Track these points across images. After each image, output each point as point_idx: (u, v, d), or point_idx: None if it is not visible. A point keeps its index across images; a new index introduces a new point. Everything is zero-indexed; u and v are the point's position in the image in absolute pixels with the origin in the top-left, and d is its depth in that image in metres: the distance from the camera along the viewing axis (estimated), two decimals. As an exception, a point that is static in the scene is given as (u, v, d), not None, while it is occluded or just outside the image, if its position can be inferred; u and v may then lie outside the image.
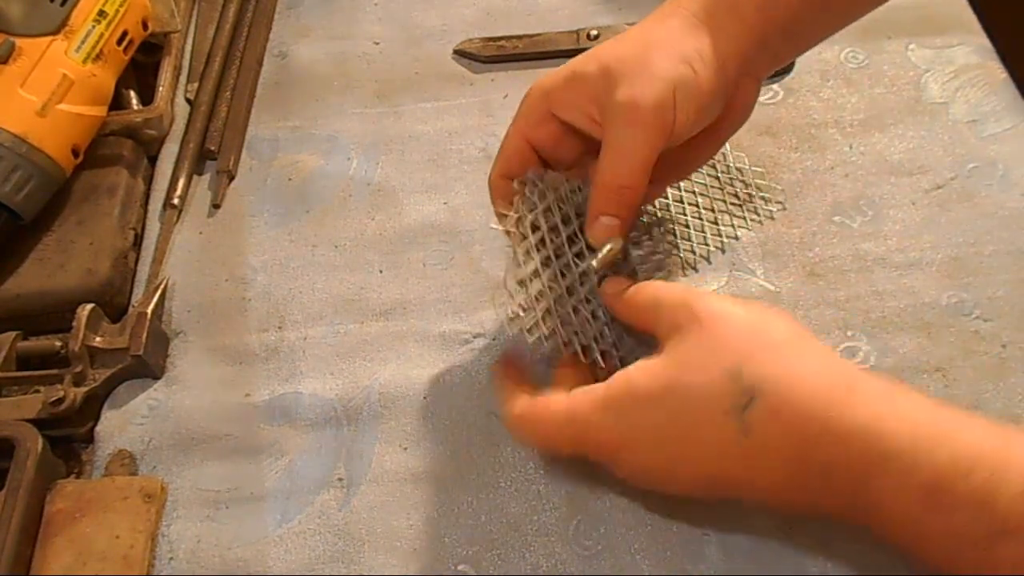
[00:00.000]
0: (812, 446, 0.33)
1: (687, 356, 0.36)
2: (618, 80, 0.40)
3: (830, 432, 0.32)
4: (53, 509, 0.44)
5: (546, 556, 0.43)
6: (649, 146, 0.40)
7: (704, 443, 0.35)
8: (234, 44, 0.64)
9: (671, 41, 0.40)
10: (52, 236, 0.53)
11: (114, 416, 0.48)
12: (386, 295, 0.52)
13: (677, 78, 0.39)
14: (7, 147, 0.49)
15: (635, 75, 0.39)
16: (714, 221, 0.53)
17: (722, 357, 0.35)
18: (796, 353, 0.35)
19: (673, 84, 0.39)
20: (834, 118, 0.58)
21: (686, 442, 0.36)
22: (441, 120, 0.61)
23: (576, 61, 0.42)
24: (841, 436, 0.32)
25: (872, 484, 0.31)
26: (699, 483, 0.37)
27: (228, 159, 0.59)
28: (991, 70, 0.59)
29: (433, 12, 0.67)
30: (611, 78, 0.40)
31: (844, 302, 0.50)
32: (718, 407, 0.34)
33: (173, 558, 0.44)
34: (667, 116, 0.39)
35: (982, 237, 0.52)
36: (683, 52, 0.40)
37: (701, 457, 0.36)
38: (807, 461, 0.33)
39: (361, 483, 0.45)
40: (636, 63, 0.40)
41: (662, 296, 0.39)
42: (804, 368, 0.34)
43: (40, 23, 0.52)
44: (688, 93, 0.39)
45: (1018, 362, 0.47)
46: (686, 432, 0.35)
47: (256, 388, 0.49)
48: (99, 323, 0.49)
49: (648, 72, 0.39)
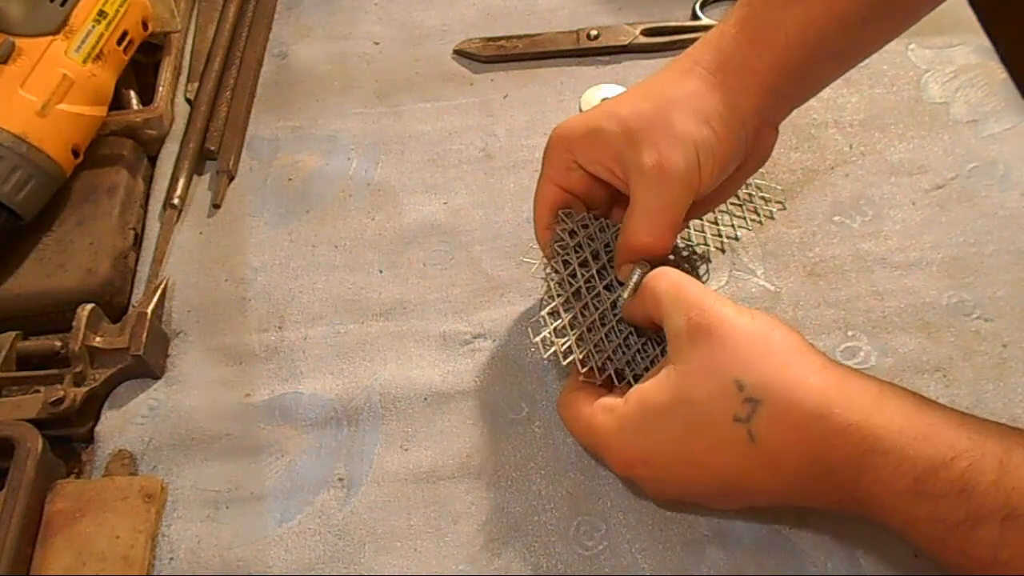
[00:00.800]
0: (815, 446, 0.34)
1: (693, 366, 0.37)
2: (640, 140, 0.41)
3: (829, 431, 0.34)
4: (53, 509, 0.44)
5: (546, 556, 0.43)
6: (677, 207, 0.41)
7: (716, 451, 0.37)
8: (234, 44, 0.64)
9: (690, 101, 0.41)
10: (52, 236, 0.53)
11: (114, 416, 0.48)
12: (386, 295, 0.52)
13: (700, 140, 0.40)
14: (7, 147, 0.49)
15: (659, 137, 0.40)
16: (714, 221, 0.53)
17: (726, 367, 0.36)
18: (795, 359, 0.36)
19: (696, 146, 0.40)
20: (834, 118, 0.58)
21: (699, 452, 0.37)
22: (441, 120, 0.61)
23: (595, 115, 0.43)
24: (838, 435, 0.34)
25: (865, 477, 0.33)
26: (716, 491, 0.39)
27: (228, 159, 0.59)
28: (991, 70, 0.59)
29: (433, 12, 0.67)
30: (632, 138, 0.41)
31: (844, 302, 0.50)
32: (725, 416, 0.36)
33: (173, 558, 0.44)
34: (693, 177, 0.41)
35: (982, 237, 0.52)
36: (703, 113, 0.41)
37: (715, 465, 0.37)
38: (812, 461, 0.35)
39: (361, 483, 0.45)
40: (658, 124, 0.41)
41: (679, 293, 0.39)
42: (802, 372, 0.35)
43: (40, 23, 0.52)
44: (710, 154, 0.41)
45: (1018, 362, 0.47)
46: (698, 442, 0.37)
47: (256, 388, 0.49)
48: (99, 323, 0.49)
49: (672, 135, 0.40)
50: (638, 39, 0.63)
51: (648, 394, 0.38)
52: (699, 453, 0.37)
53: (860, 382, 0.35)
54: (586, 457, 0.45)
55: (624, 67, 0.62)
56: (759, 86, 0.41)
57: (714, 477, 0.37)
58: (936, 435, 0.32)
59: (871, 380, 0.35)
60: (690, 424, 0.37)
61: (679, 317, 0.38)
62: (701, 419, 0.36)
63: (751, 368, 0.36)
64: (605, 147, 0.42)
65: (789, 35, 0.40)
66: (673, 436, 0.37)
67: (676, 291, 0.39)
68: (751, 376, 0.35)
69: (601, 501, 0.44)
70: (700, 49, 0.43)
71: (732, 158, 0.42)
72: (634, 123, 0.41)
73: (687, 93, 0.41)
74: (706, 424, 0.36)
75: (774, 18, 0.40)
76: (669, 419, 0.37)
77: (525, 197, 0.56)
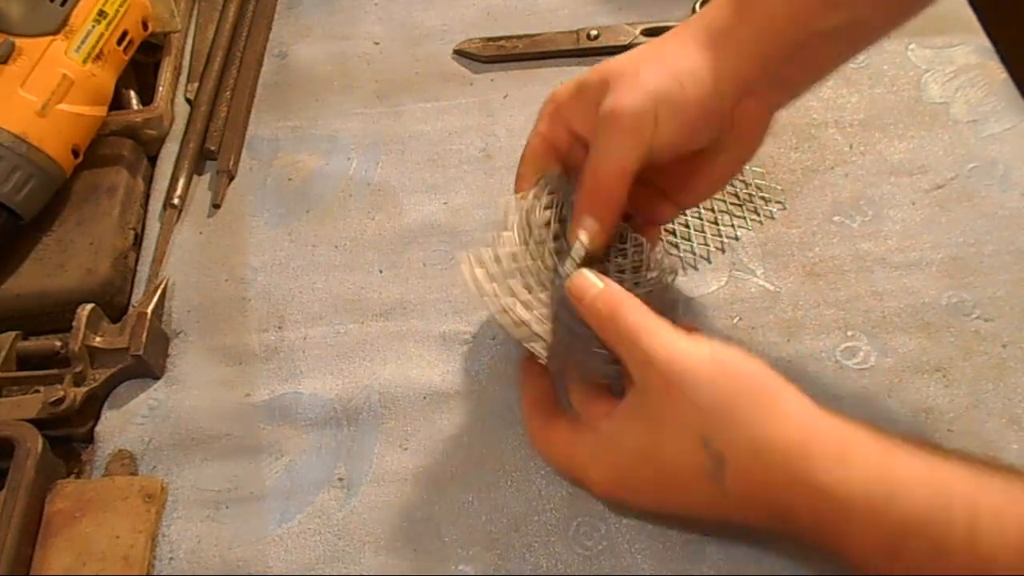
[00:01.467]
0: (782, 502, 0.35)
1: (659, 416, 0.37)
2: (610, 89, 0.41)
3: (795, 492, 0.34)
4: (53, 509, 0.44)
5: (546, 556, 0.43)
6: (626, 152, 0.41)
7: (688, 499, 0.38)
8: (234, 44, 0.64)
9: (667, 57, 0.42)
10: (52, 236, 0.53)
11: (114, 416, 0.48)
12: (386, 295, 0.52)
13: (661, 91, 0.40)
14: (7, 147, 0.49)
15: (622, 84, 0.41)
16: (714, 221, 0.53)
17: (691, 423, 0.36)
18: (758, 411, 0.36)
19: (655, 96, 0.40)
20: (834, 118, 0.58)
21: (671, 495, 0.39)
22: (441, 120, 0.61)
23: (585, 72, 0.44)
24: (805, 495, 0.34)
25: (837, 538, 0.34)
26: (691, 525, 0.42)
27: (228, 159, 0.59)
28: (991, 70, 0.59)
29: (433, 12, 0.67)
30: (606, 87, 0.42)
31: (844, 302, 0.50)
32: (695, 472, 0.37)
33: (173, 558, 0.44)
34: (645, 125, 0.40)
35: (982, 237, 0.52)
36: (675, 68, 0.41)
37: (689, 509, 0.39)
38: (780, 513, 0.35)
39: (361, 483, 0.45)
40: (628, 74, 0.41)
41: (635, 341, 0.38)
42: (766, 429, 0.35)
43: (40, 23, 0.52)
44: (673, 107, 0.40)
45: (1018, 362, 0.47)
46: (671, 490, 0.38)
47: (256, 388, 0.49)
48: (99, 323, 0.49)
49: (634, 83, 0.41)
50: (638, 39, 0.63)
51: (619, 433, 0.39)
52: (673, 496, 0.39)
53: (826, 432, 0.35)
54: (586, 457, 0.45)
55: (624, 67, 0.62)
56: (742, 54, 0.41)
57: (692, 515, 0.39)
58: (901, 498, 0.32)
59: (838, 426, 0.35)
60: (662, 472, 0.38)
61: (636, 371, 0.38)
62: (672, 472, 0.37)
63: (715, 425, 0.36)
64: (586, 100, 0.43)
65: (775, 7, 0.40)
66: (648, 477, 0.39)
67: (632, 337, 0.38)
68: (716, 433, 0.36)
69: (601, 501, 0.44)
70: (695, 16, 0.43)
71: (700, 118, 0.41)
72: (611, 74, 0.42)
73: (666, 49, 0.42)
74: (677, 477, 0.37)
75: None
76: (641, 464, 0.38)
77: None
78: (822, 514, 0.34)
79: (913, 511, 0.32)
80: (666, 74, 0.41)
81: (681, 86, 0.40)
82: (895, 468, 0.34)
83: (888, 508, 0.33)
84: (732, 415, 0.36)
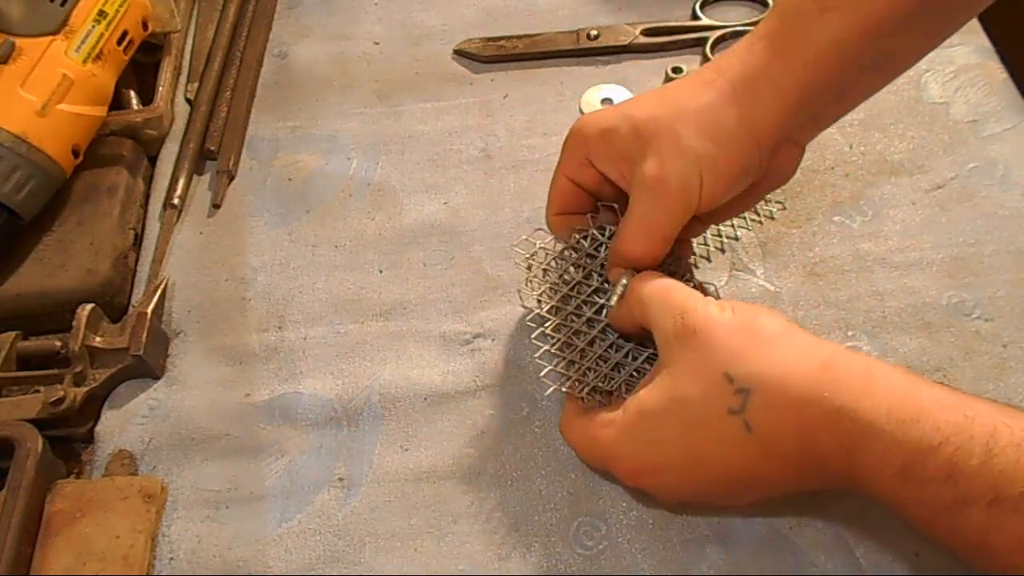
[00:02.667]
0: (808, 431, 0.34)
1: (684, 367, 0.37)
2: (647, 148, 0.40)
3: (820, 416, 0.34)
4: (53, 509, 0.44)
5: (546, 556, 0.43)
6: (670, 222, 0.41)
7: (715, 447, 0.37)
8: (234, 44, 0.64)
9: (703, 115, 0.40)
10: (52, 236, 0.53)
11: (114, 416, 0.48)
12: (386, 295, 0.52)
13: (704, 157, 0.40)
14: (7, 147, 0.49)
15: (664, 148, 0.40)
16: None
17: (714, 362, 0.36)
18: (782, 345, 0.36)
19: (700, 163, 0.40)
20: (834, 118, 0.58)
21: (702, 449, 0.37)
22: (441, 120, 0.61)
23: (612, 115, 0.42)
24: (829, 419, 0.34)
25: (855, 461, 0.34)
26: (724, 486, 0.38)
27: (228, 159, 0.59)
28: (991, 70, 0.59)
29: (433, 12, 0.67)
30: (641, 143, 0.41)
31: (844, 302, 0.50)
32: (719, 410, 0.36)
33: (173, 558, 0.44)
34: (692, 194, 0.40)
35: (982, 237, 0.52)
36: (714, 130, 0.40)
37: (718, 461, 0.37)
38: (807, 444, 0.35)
39: (361, 483, 0.45)
40: (666, 134, 0.40)
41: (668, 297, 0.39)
42: (789, 357, 0.36)
43: (40, 23, 0.52)
44: (716, 173, 0.40)
45: (1018, 362, 0.47)
46: (699, 440, 0.37)
47: (256, 388, 0.49)
48: (99, 323, 0.49)
49: (677, 148, 0.40)
50: (638, 39, 0.63)
51: (644, 401, 0.38)
52: (701, 451, 0.37)
53: (849, 361, 0.35)
54: (586, 457, 0.45)
55: (624, 67, 0.62)
56: (782, 103, 0.40)
57: (720, 473, 0.37)
58: (924, 418, 0.32)
59: (860, 358, 0.35)
60: (688, 423, 0.37)
61: (666, 321, 0.38)
62: (698, 417, 0.37)
63: (738, 360, 0.36)
64: (617, 149, 0.42)
65: (821, 46, 0.39)
66: (674, 438, 0.38)
67: (662, 295, 0.39)
68: (739, 367, 0.36)
69: (601, 501, 0.44)
70: (726, 59, 0.41)
71: (740, 177, 0.41)
72: (645, 129, 0.41)
73: (701, 106, 0.40)
74: (703, 421, 0.36)
75: (806, 29, 0.39)
76: (667, 422, 0.37)
77: (525, 197, 0.56)
78: (844, 436, 0.33)
79: (933, 430, 0.32)
80: (707, 137, 0.40)
81: (721, 149, 0.40)
82: (919, 394, 0.33)
83: (908, 428, 0.32)
84: (755, 349, 0.36)
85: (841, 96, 0.42)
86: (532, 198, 0.56)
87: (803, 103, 0.40)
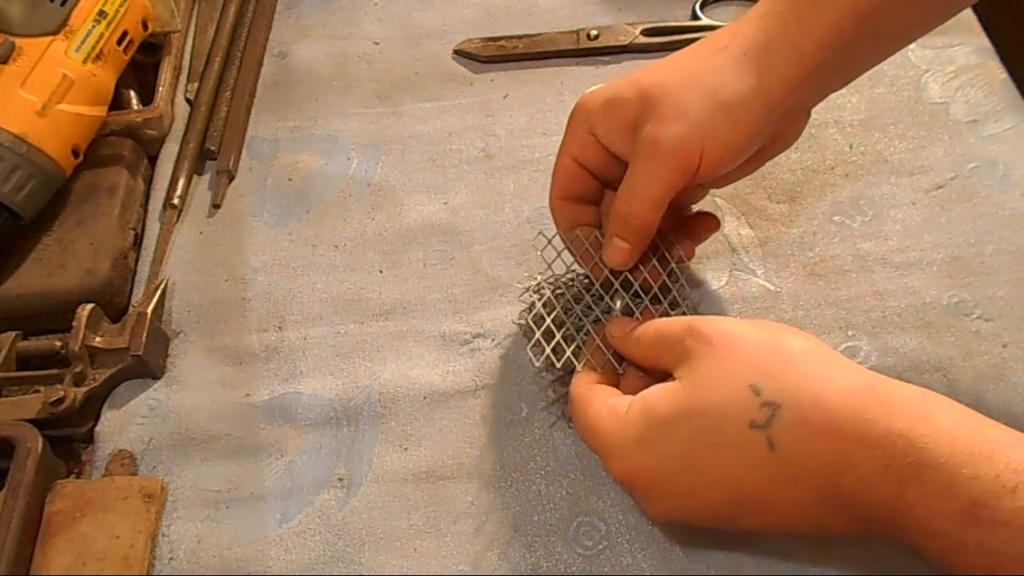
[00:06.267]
0: (846, 453, 0.31)
1: (703, 377, 0.35)
2: (652, 111, 0.39)
3: (863, 441, 0.31)
4: (53, 509, 0.44)
5: (546, 556, 0.43)
6: (664, 185, 0.39)
7: (729, 461, 0.34)
8: (234, 44, 0.64)
9: (713, 80, 0.39)
10: (52, 236, 0.53)
11: (114, 416, 0.48)
12: (386, 295, 0.52)
13: (708, 123, 0.38)
14: (7, 147, 0.49)
15: (666, 111, 0.39)
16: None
17: (740, 373, 0.34)
18: (817, 364, 0.34)
19: (703, 128, 0.38)
20: (834, 118, 0.58)
21: (710, 462, 0.34)
22: (441, 120, 0.61)
23: (619, 84, 0.41)
24: (875, 445, 0.31)
25: (907, 494, 0.30)
26: (725, 506, 0.35)
27: (228, 159, 0.59)
28: (991, 70, 0.59)
29: (433, 12, 0.67)
30: (647, 107, 0.39)
31: (845, 302, 0.50)
32: (741, 422, 0.33)
33: (173, 558, 0.44)
34: (689, 159, 0.39)
35: (982, 237, 0.52)
36: (723, 95, 0.38)
37: (727, 476, 0.34)
38: (840, 470, 0.32)
39: (361, 483, 0.45)
40: (673, 97, 0.39)
41: (665, 329, 0.38)
42: (828, 378, 0.33)
43: (40, 23, 0.52)
44: (721, 139, 0.39)
45: (1019, 362, 0.47)
46: (710, 452, 0.34)
47: (256, 388, 0.49)
48: (99, 323, 0.49)
49: (680, 111, 0.38)
50: (638, 39, 0.63)
51: (652, 403, 0.36)
52: (709, 463, 0.34)
53: (899, 386, 0.32)
54: (586, 457, 0.45)
55: (624, 67, 0.62)
56: (799, 68, 0.38)
57: (725, 489, 0.34)
58: (997, 455, 0.29)
59: (911, 386, 0.32)
60: (699, 433, 0.34)
61: (675, 348, 0.37)
62: (712, 427, 0.34)
63: (767, 373, 0.33)
64: (622, 116, 0.40)
65: (843, 10, 0.38)
66: (679, 447, 0.35)
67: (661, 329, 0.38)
68: (768, 381, 0.33)
69: (601, 501, 0.44)
70: (742, 24, 0.40)
71: (747, 144, 0.40)
72: (653, 92, 0.39)
73: (712, 70, 0.39)
74: (718, 432, 0.33)
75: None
76: (676, 430, 0.35)
77: (525, 197, 0.56)
78: (894, 462, 0.30)
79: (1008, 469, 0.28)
80: (714, 103, 0.38)
81: (729, 115, 0.38)
82: (984, 428, 0.30)
83: (978, 463, 0.29)
84: (784, 363, 0.33)
85: (855, 62, 0.41)
86: (532, 198, 0.56)
87: (821, 68, 0.39)
